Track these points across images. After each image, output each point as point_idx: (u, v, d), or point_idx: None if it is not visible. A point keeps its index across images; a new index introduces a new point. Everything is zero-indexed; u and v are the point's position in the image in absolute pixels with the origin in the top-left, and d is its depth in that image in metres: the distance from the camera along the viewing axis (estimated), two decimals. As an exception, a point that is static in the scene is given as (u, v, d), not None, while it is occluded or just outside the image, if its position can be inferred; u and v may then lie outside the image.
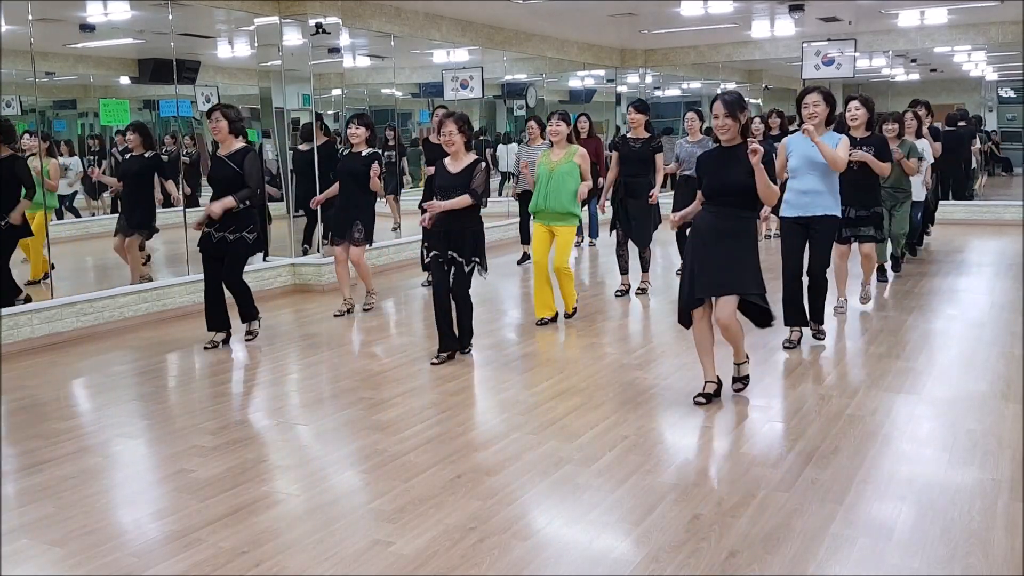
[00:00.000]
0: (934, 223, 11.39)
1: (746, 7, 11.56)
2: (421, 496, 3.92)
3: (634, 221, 8.26)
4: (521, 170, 8.83)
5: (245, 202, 6.61)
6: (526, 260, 10.66)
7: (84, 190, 11.02)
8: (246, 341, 6.95)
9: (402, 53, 12.14)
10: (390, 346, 7.16)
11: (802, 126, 6.08)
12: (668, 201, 8.70)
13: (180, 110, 10.26)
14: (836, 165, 6.03)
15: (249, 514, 3.79)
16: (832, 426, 4.75)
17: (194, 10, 9.00)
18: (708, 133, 7.95)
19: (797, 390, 5.54)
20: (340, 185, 7.88)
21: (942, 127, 11.96)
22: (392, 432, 4.81)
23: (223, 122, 6.62)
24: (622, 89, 16.46)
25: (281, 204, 9.76)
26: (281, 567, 3.32)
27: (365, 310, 8.18)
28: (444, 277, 6.22)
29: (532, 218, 7.50)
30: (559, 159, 7.20)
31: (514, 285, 9.66)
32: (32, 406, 5.57)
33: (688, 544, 3.42)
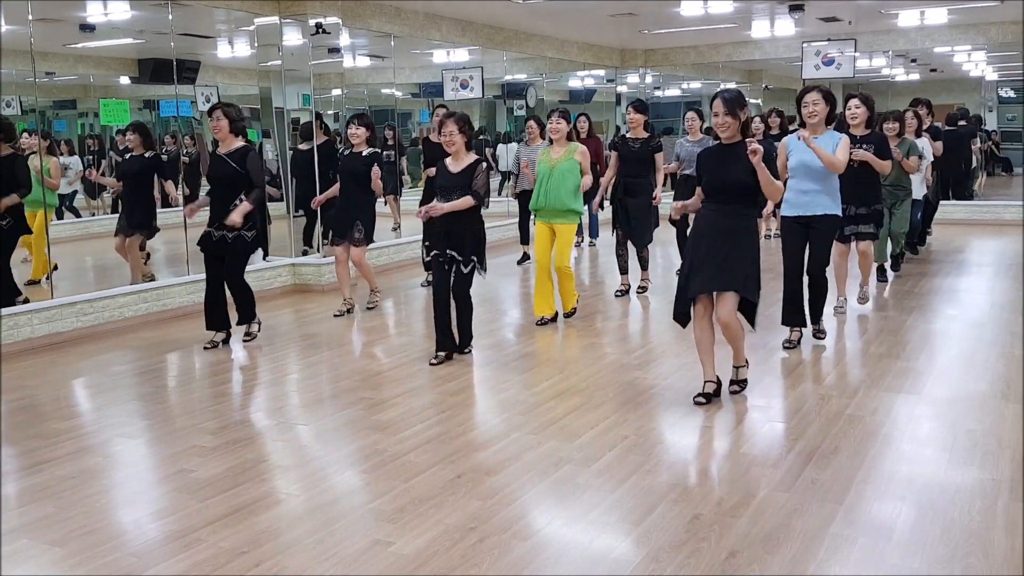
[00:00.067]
0: (931, 223, 11.36)
1: (746, 7, 11.55)
2: (421, 496, 3.92)
3: (633, 221, 8.26)
4: (523, 170, 8.83)
5: (259, 201, 6.72)
6: (526, 260, 10.67)
7: (84, 190, 11.02)
8: (244, 342, 6.96)
9: (402, 53, 12.14)
10: (390, 346, 7.16)
11: (797, 133, 6.06)
12: (669, 201, 8.67)
13: (180, 110, 10.26)
14: (835, 168, 6.03)
15: (249, 514, 3.79)
16: (832, 426, 4.75)
17: (194, 10, 9.00)
18: (708, 132, 7.98)
19: (797, 390, 5.54)
20: (341, 185, 7.88)
21: (942, 126, 11.95)
22: (392, 432, 4.81)
23: (224, 121, 6.62)
24: (622, 89, 16.45)
25: (281, 204, 9.76)
26: (281, 567, 3.32)
27: (369, 308, 8.18)
28: (444, 276, 6.22)
29: (532, 217, 7.51)
30: (559, 156, 7.21)
31: (514, 285, 9.66)
32: (32, 406, 5.57)
33: (688, 544, 3.42)
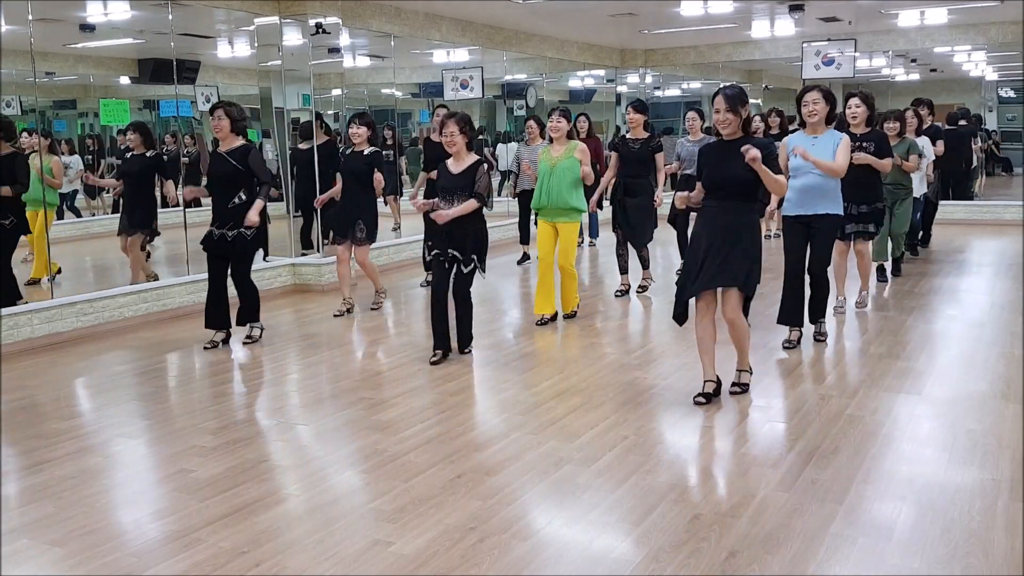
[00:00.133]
0: (931, 226, 11.33)
1: (746, 7, 11.56)
2: (421, 496, 3.92)
3: (633, 221, 8.26)
4: (524, 171, 8.83)
5: (270, 197, 6.81)
6: (526, 260, 10.67)
7: (83, 190, 11.03)
8: (244, 344, 6.95)
9: (402, 53, 12.14)
10: (390, 346, 7.16)
11: (793, 148, 6.04)
12: (669, 201, 8.68)
13: (180, 110, 10.26)
14: (836, 175, 6.03)
15: (249, 514, 3.79)
16: (832, 426, 4.75)
17: (194, 10, 9.00)
18: (709, 132, 7.98)
19: (797, 390, 5.54)
20: (342, 184, 7.87)
21: (943, 126, 11.95)
22: (392, 432, 4.81)
23: (225, 120, 6.62)
24: (622, 89, 16.45)
25: (281, 204, 9.76)
26: (281, 567, 3.32)
27: (372, 309, 8.18)
28: (444, 276, 6.22)
29: (533, 217, 7.50)
30: (560, 155, 7.21)
31: (514, 285, 9.66)
32: (32, 406, 5.57)
33: (688, 544, 3.42)
